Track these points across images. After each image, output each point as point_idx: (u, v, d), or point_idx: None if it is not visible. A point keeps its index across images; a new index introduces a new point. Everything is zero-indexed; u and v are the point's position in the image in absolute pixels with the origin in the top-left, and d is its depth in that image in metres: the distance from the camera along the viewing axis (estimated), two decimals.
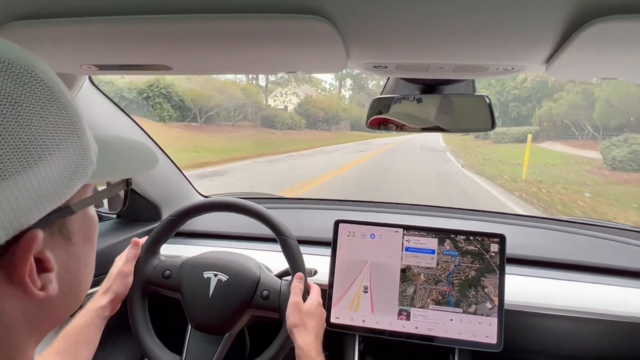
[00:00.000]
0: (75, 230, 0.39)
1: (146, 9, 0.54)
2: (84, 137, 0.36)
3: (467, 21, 0.54)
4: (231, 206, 1.06)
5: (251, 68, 0.77)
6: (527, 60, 0.68)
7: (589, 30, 0.51)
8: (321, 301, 0.95)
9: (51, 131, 0.32)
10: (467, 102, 0.95)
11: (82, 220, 0.40)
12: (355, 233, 1.09)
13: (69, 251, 0.38)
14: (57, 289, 0.36)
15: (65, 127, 0.34)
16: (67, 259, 0.38)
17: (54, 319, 0.39)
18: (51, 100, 0.33)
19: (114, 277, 0.94)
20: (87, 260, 0.42)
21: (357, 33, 0.59)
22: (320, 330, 0.90)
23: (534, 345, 1.12)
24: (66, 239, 0.38)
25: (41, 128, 0.32)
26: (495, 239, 1.03)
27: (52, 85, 0.34)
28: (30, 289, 0.33)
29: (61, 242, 0.37)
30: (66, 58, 0.72)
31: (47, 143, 0.32)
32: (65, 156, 0.33)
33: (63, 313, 0.40)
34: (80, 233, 0.40)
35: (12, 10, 0.57)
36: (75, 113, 0.36)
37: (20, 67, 0.32)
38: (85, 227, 0.41)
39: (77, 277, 0.40)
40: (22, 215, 0.31)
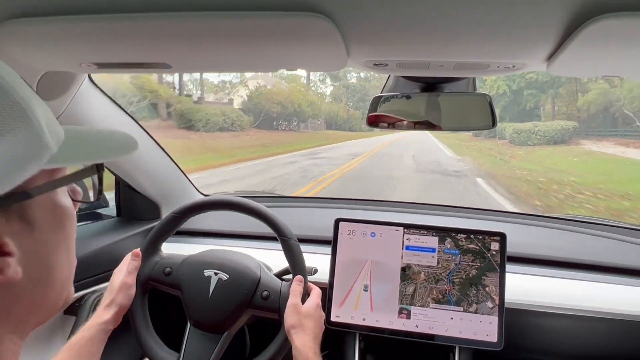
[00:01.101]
0: (39, 217, 0.39)
1: (145, 6, 0.54)
2: (36, 123, 0.36)
3: (468, 19, 0.54)
4: (233, 205, 1.06)
5: (250, 65, 0.77)
6: (528, 58, 0.68)
7: (590, 27, 0.51)
8: (320, 303, 0.95)
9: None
10: (468, 100, 0.95)
11: (47, 207, 0.40)
12: (355, 231, 1.09)
13: (32, 236, 0.38)
14: (21, 274, 0.36)
15: (11, 114, 0.34)
16: (32, 245, 0.38)
17: (26, 305, 0.39)
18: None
19: (117, 290, 0.93)
20: (58, 247, 0.42)
21: (358, 31, 0.59)
22: (318, 332, 0.90)
23: (535, 344, 1.12)
24: (27, 224, 0.37)
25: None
26: (496, 237, 1.03)
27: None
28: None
29: (22, 227, 0.37)
30: (65, 56, 0.72)
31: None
32: (10, 141, 0.33)
33: (36, 300, 0.40)
34: (46, 220, 0.39)
35: (11, 8, 0.57)
36: (24, 100, 0.35)
37: None
38: (52, 214, 0.41)
39: (45, 263, 0.40)
40: None
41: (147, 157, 1.27)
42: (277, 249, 1.02)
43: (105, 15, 0.56)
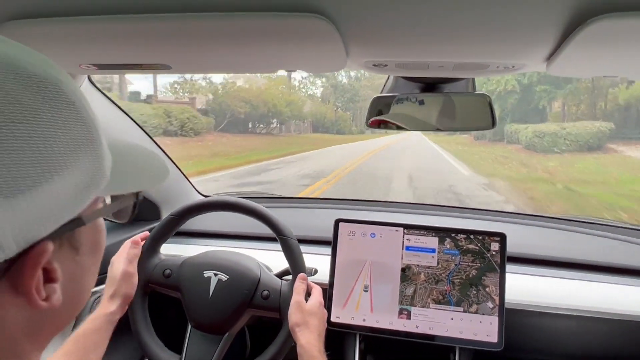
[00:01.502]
0: (84, 241, 0.38)
1: (145, 7, 0.54)
2: (100, 151, 0.36)
3: (468, 19, 0.54)
4: (232, 205, 1.06)
5: (249, 66, 0.77)
6: (528, 58, 0.68)
7: (589, 27, 0.51)
8: (322, 301, 0.95)
9: (70, 146, 0.32)
10: (468, 101, 0.95)
11: (91, 231, 0.40)
12: (355, 232, 1.09)
13: (75, 261, 0.38)
14: (61, 300, 0.36)
15: (83, 141, 0.34)
16: (72, 269, 0.38)
17: (55, 326, 0.39)
18: (73, 115, 0.33)
19: (120, 280, 0.91)
20: (91, 269, 0.42)
21: (357, 31, 0.59)
22: (322, 330, 0.90)
23: (535, 344, 1.12)
24: (74, 249, 0.37)
25: (60, 143, 0.31)
26: (496, 237, 1.03)
27: (76, 100, 0.34)
28: (35, 300, 0.33)
29: (69, 253, 0.37)
30: (65, 57, 0.72)
31: (64, 157, 0.32)
32: (81, 170, 0.33)
33: (65, 320, 0.40)
34: (89, 244, 0.39)
35: (10, 9, 0.57)
36: (94, 127, 0.35)
37: (48, 82, 0.32)
38: (93, 237, 0.41)
39: (80, 286, 0.40)
40: (35, 229, 0.30)
41: None
42: (277, 249, 1.02)
43: (104, 16, 0.56)
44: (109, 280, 0.93)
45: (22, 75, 0.30)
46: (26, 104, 0.30)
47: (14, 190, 0.28)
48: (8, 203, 0.28)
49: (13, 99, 0.29)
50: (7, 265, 0.31)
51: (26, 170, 0.29)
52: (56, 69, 0.34)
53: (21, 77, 0.30)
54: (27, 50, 0.33)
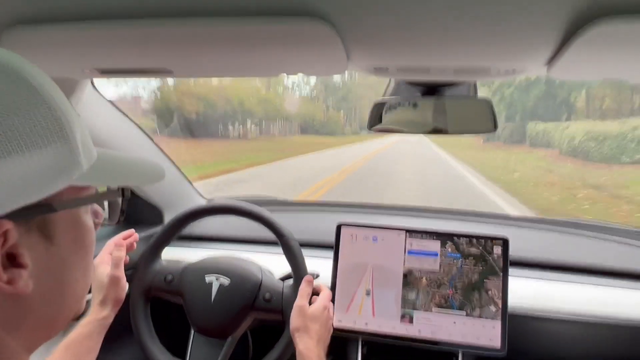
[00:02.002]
0: (59, 231, 0.39)
1: (147, 12, 0.54)
2: (72, 140, 0.37)
3: (469, 23, 0.54)
4: (231, 209, 1.06)
5: (252, 70, 0.78)
6: (529, 62, 0.68)
7: (590, 31, 0.51)
8: (328, 305, 0.94)
9: (33, 129, 0.33)
10: (470, 104, 0.95)
11: (69, 222, 0.40)
12: (357, 236, 1.09)
13: (49, 251, 0.38)
14: (32, 287, 0.36)
15: (50, 128, 0.35)
16: (46, 259, 0.38)
17: (37, 321, 0.39)
18: (36, 101, 0.34)
19: (108, 286, 0.88)
20: (74, 264, 0.41)
21: (358, 35, 0.59)
22: (324, 335, 0.89)
23: (538, 349, 1.11)
24: (46, 238, 0.37)
25: (20, 124, 0.33)
26: (499, 241, 1.03)
27: (40, 88, 0.35)
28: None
29: (40, 240, 0.37)
30: (68, 62, 0.72)
31: (25, 139, 0.33)
32: (46, 154, 0.34)
33: (47, 316, 0.40)
34: (66, 235, 0.39)
35: (14, 14, 0.57)
36: (65, 117, 0.37)
37: (7, 67, 0.34)
38: (73, 230, 0.40)
39: (59, 279, 0.40)
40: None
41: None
42: (279, 253, 1.02)
43: (108, 21, 0.56)
44: (95, 286, 0.90)
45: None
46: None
47: None
48: None
49: None
50: None
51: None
52: (20, 59, 0.36)
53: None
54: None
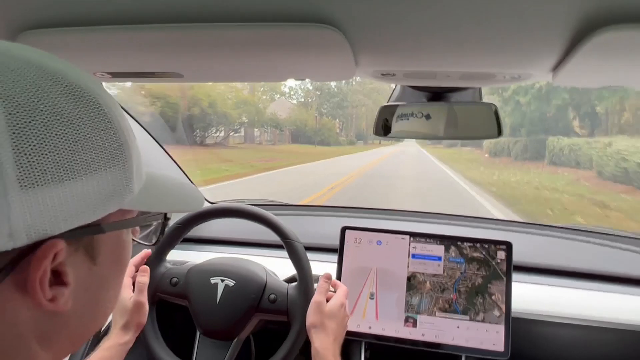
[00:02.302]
0: (103, 251, 0.39)
1: (159, 18, 0.55)
2: (129, 166, 0.38)
3: (475, 30, 0.55)
4: (236, 212, 1.07)
5: (260, 75, 0.79)
6: (534, 69, 0.68)
7: (595, 39, 0.51)
8: (346, 303, 0.93)
9: (97, 153, 0.34)
10: (475, 110, 0.96)
11: (113, 243, 0.41)
12: (361, 240, 1.10)
13: (91, 270, 0.38)
14: (70, 305, 0.36)
15: (112, 152, 0.36)
16: (87, 278, 0.38)
17: (68, 336, 0.39)
18: (106, 128, 0.36)
19: (131, 311, 0.88)
20: (110, 283, 0.42)
21: (367, 42, 0.60)
22: (340, 333, 0.88)
23: (542, 354, 1.11)
24: (91, 257, 0.38)
25: (87, 147, 0.34)
26: (502, 246, 1.03)
27: (109, 113, 0.36)
28: (39, 296, 0.33)
29: (84, 260, 0.37)
30: (80, 66, 0.73)
31: (89, 162, 0.34)
32: (105, 178, 0.35)
33: (79, 332, 0.40)
34: (108, 255, 0.40)
35: (26, 19, 0.58)
36: (126, 143, 0.38)
37: (82, 91, 0.35)
38: (115, 250, 0.41)
39: (95, 298, 0.40)
40: (48, 224, 0.31)
41: (155, 165, 1.29)
42: (284, 256, 1.03)
43: (118, 26, 0.57)
44: (119, 310, 0.90)
45: (57, 78, 0.33)
46: (58, 105, 0.32)
47: (33, 183, 0.30)
48: (25, 194, 0.29)
49: (45, 98, 0.32)
50: (16, 259, 0.32)
51: (50, 167, 0.31)
52: (93, 80, 0.37)
53: (55, 81, 0.33)
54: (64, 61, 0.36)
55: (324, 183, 11.07)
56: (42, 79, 0.32)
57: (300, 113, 32.48)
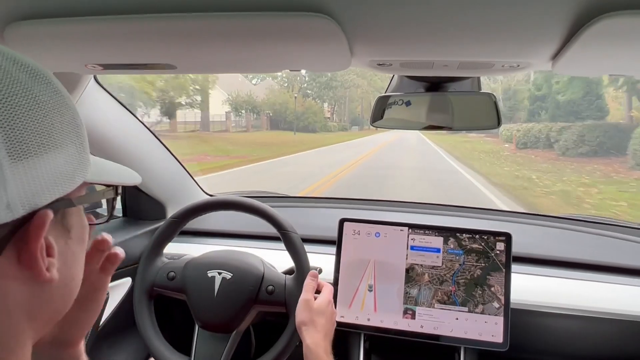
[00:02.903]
0: (74, 225, 0.41)
1: (150, 7, 0.54)
2: (84, 141, 0.41)
3: (472, 18, 0.54)
4: (231, 204, 1.06)
5: (254, 66, 0.77)
6: (533, 57, 0.67)
7: (596, 25, 0.50)
8: (332, 300, 0.94)
9: (62, 127, 0.37)
10: (473, 100, 0.95)
11: (79, 219, 0.43)
12: (360, 231, 1.09)
13: (67, 244, 0.40)
14: (58, 276, 0.38)
15: (71, 127, 0.39)
16: (65, 252, 0.40)
17: (49, 311, 0.41)
18: (62, 102, 0.39)
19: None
20: (79, 259, 0.44)
21: (361, 31, 0.59)
22: (329, 329, 0.90)
23: (541, 345, 1.11)
24: (65, 230, 0.40)
25: (55, 122, 0.37)
26: (501, 237, 1.03)
27: (62, 91, 0.39)
28: (40, 266, 0.35)
29: (62, 233, 0.40)
30: (71, 58, 0.72)
31: (58, 136, 0.37)
32: (70, 153, 0.38)
33: (58, 307, 0.42)
34: (77, 230, 0.42)
35: (17, 10, 0.57)
36: (79, 117, 0.41)
37: (41, 73, 0.37)
38: (80, 227, 0.43)
39: (71, 273, 0.42)
40: (37, 195, 0.34)
41: (152, 157, 1.28)
42: (282, 248, 1.03)
43: (109, 16, 0.56)
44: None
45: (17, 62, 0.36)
46: (22, 84, 0.35)
47: (20, 155, 0.33)
48: (16, 166, 0.32)
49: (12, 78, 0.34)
50: (12, 232, 0.34)
51: (30, 139, 0.34)
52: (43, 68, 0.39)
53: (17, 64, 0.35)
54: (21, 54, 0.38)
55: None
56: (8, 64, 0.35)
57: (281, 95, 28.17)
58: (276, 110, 26.10)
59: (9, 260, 0.34)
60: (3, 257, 0.33)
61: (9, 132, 0.32)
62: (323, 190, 8.38)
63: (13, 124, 0.33)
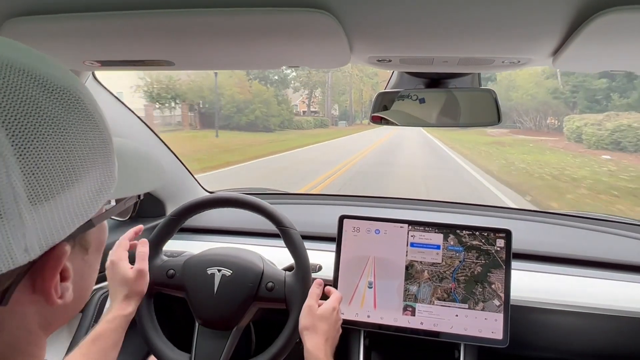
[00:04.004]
0: (92, 241, 0.41)
1: (148, 4, 0.54)
2: (112, 158, 0.38)
3: (472, 14, 0.53)
4: (232, 201, 1.06)
5: (253, 63, 0.77)
6: (534, 53, 0.67)
7: (595, 22, 0.50)
8: (338, 308, 0.95)
9: (88, 153, 0.34)
10: (474, 96, 0.94)
11: (98, 231, 0.42)
12: (360, 228, 1.09)
13: (84, 260, 0.40)
14: (73, 296, 0.38)
15: (99, 148, 0.36)
16: (82, 268, 0.40)
17: (65, 319, 0.42)
18: (90, 124, 0.35)
19: (133, 281, 0.89)
20: (95, 266, 0.44)
21: (361, 27, 0.58)
22: (332, 335, 0.90)
23: (540, 341, 1.11)
24: (83, 249, 0.40)
25: (80, 150, 0.33)
26: (501, 234, 1.02)
27: (93, 109, 0.35)
28: (53, 298, 0.35)
29: (79, 253, 0.39)
30: (69, 54, 0.72)
31: (83, 165, 0.33)
32: (96, 175, 0.35)
33: (72, 313, 0.43)
34: (95, 243, 0.42)
35: (14, 6, 0.57)
36: (109, 135, 0.37)
37: (67, 91, 0.33)
38: (99, 237, 0.43)
39: (87, 283, 0.43)
40: (56, 233, 0.32)
41: None
42: (282, 245, 1.02)
43: (107, 12, 0.56)
44: (119, 281, 0.90)
45: (45, 85, 0.31)
46: (52, 115, 0.31)
47: (42, 198, 0.30)
48: (36, 210, 0.30)
49: (40, 110, 0.30)
50: (29, 266, 0.33)
51: (53, 180, 0.31)
52: (74, 78, 0.35)
53: (44, 88, 0.31)
54: (41, 56, 0.33)
55: None
56: (27, 84, 0.30)
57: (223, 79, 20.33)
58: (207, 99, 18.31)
59: (25, 290, 0.34)
60: (20, 289, 0.33)
61: (30, 174, 0.29)
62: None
63: (36, 164, 0.29)
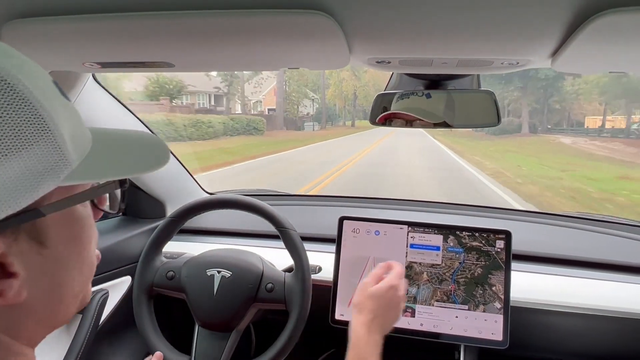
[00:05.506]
0: (52, 233, 0.36)
1: (148, 5, 0.54)
2: (58, 137, 0.34)
3: (471, 15, 0.53)
4: (230, 203, 1.06)
5: (252, 64, 0.77)
6: (533, 55, 0.67)
7: (594, 23, 0.50)
8: (396, 285, 0.85)
9: (14, 132, 0.31)
10: (473, 97, 0.94)
11: (62, 222, 0.38)
12: (359, 230, 1.09)
13: (43, 255, 0.36)
14: (27, 295, 0.35)
15: (32, 128, 0.32)
16: (40, 264, 0.36)
17: (37, 322, 0.38)
18: (14, 101, 0.31)
19: None
20: (70, 262, 0.40)
21: (360, 28, 0.58)
22: (381, 314, 0.82)
23: (540, 342, 1.11)
24: (38, 242, 0.35)
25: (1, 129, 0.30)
26: (501, 235, 1.02)
27: (17, 84, 0.32)
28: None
29: (31, 246, 0.35)
30: (68, 56, 0.72)
31: (7, 143, 0.30)
32: (29, 158, 0.32)
33: (47, 316, 0.39)
34: (59, 236, 0.37)
35: (14, 8, 0.57)
36: (48, 113, 0.33)
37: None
38: (68, 228, 0.38)
39: (56, 281, 0.39)
40: None
41: None
42: (282, 247, 1.03)
43: (107, 14, 0.56)
44: None
45: None
46: None
47: None
48: None
49: None
50: None
51: None
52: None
53: None
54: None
55: None
56: None
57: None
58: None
59: None
60: None
61: None
62: None
63: None
